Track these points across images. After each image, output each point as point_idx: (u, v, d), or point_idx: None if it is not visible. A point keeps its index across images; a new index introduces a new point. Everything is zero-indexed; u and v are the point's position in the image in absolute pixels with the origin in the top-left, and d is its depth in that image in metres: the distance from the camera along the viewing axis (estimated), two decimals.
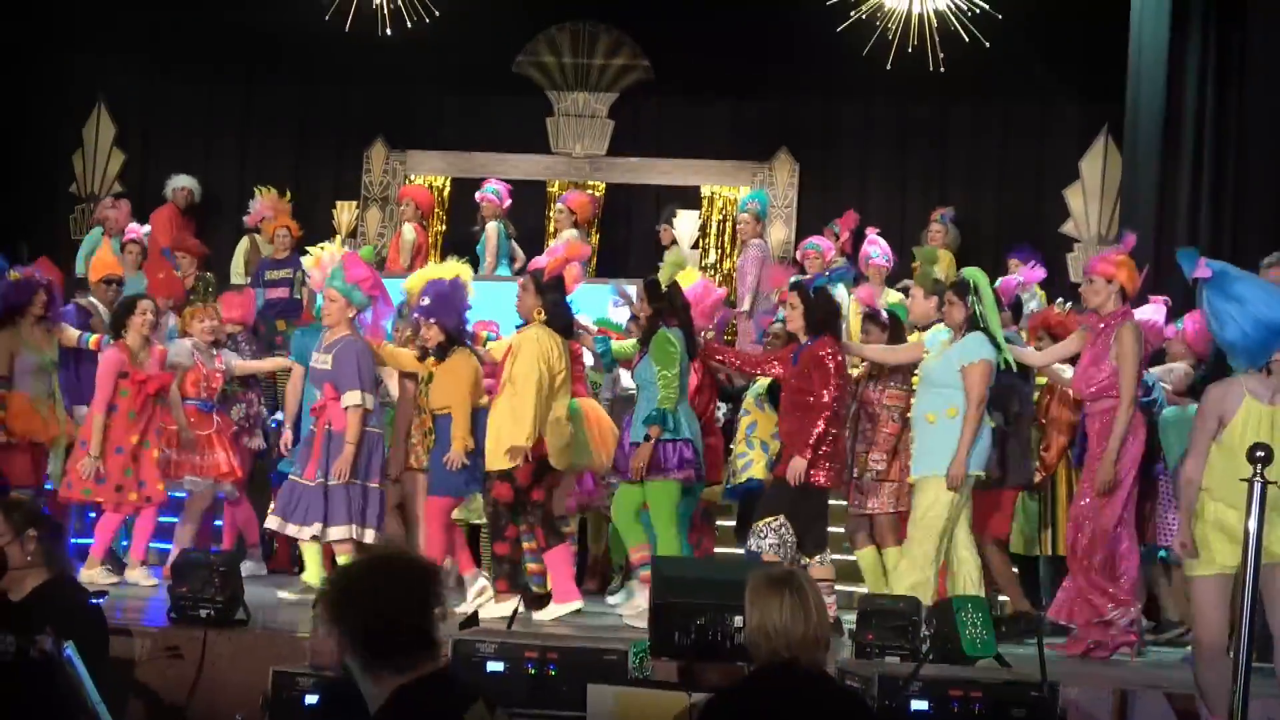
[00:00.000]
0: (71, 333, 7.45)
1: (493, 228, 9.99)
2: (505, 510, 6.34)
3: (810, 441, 6.02)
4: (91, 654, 4.06)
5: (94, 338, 7.40)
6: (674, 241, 10.47)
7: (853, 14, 9.04)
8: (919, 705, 4.29)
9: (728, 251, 11.30)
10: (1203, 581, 4.72)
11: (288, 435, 7.20)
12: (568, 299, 6.54)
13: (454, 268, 6.95)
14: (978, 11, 8.99)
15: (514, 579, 6.42)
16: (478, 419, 6.47)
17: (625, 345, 6.92)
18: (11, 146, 11.04)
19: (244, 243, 10.63)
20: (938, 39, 9.06)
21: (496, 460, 6.25)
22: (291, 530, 6.60)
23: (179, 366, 7.31)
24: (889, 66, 9.14)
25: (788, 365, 6.29)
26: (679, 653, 4.92)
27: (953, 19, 9.06)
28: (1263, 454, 4.20)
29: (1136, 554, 6.14)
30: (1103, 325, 6.07)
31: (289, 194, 10.59)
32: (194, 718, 5.22)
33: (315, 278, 6.86)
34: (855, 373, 6.62)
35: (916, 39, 9.07)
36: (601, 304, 7.62)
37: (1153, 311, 7.16)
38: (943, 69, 9.11)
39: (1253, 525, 4.20)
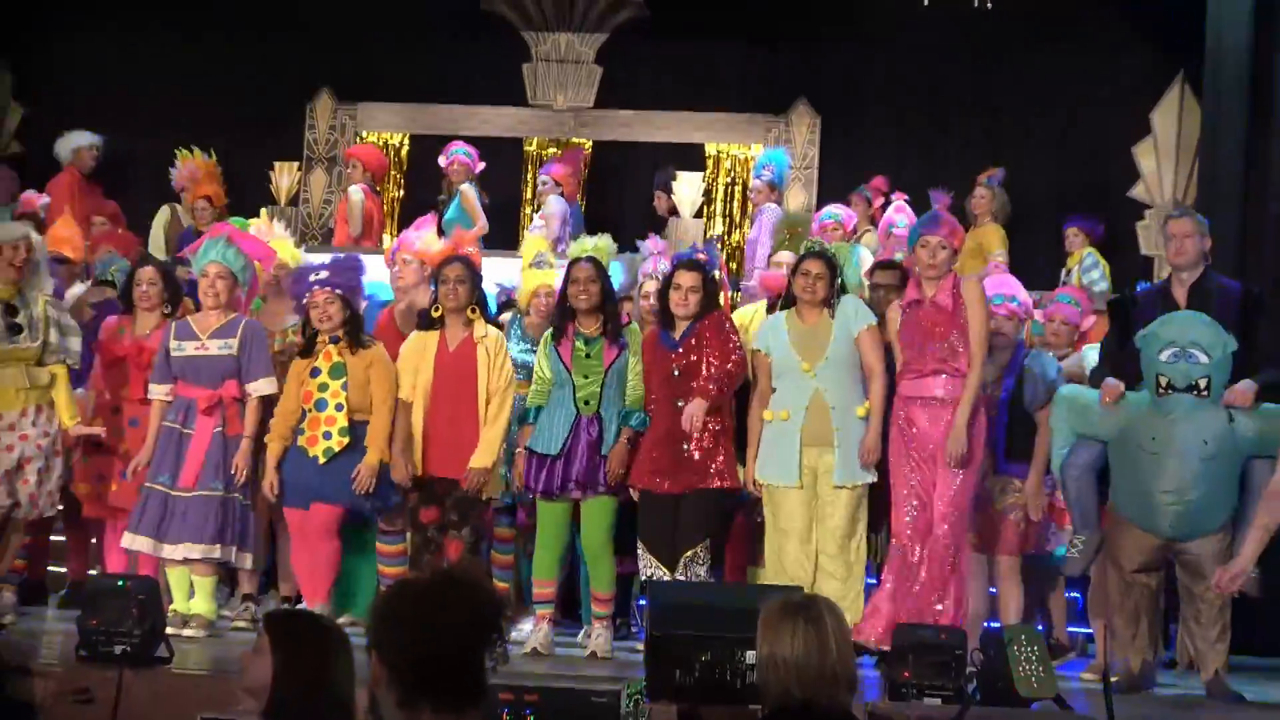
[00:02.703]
0: None
1: (469, 189, 10.04)
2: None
3: (710, 389, 6.36)
4: None
5: None
6: (673, 210, 10.49)
7: None
8: None
9: (737, 221, 11.30)
10: None
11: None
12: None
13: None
14: None
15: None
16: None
17: None
18: None
19: (163, 213, 10.59)
20: None
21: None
22: (180, 552, 6.59)
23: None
24: (926, 2, 9.13)
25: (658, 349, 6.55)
26: (680, 694, 4.91)
27: None
28: None
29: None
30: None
31: (214, 156, 10.56)
32: None
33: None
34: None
35: None
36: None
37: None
38: (990, 4, 9.11)
39: None
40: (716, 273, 6.95)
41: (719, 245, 10.62)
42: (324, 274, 6.67)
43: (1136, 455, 6.09)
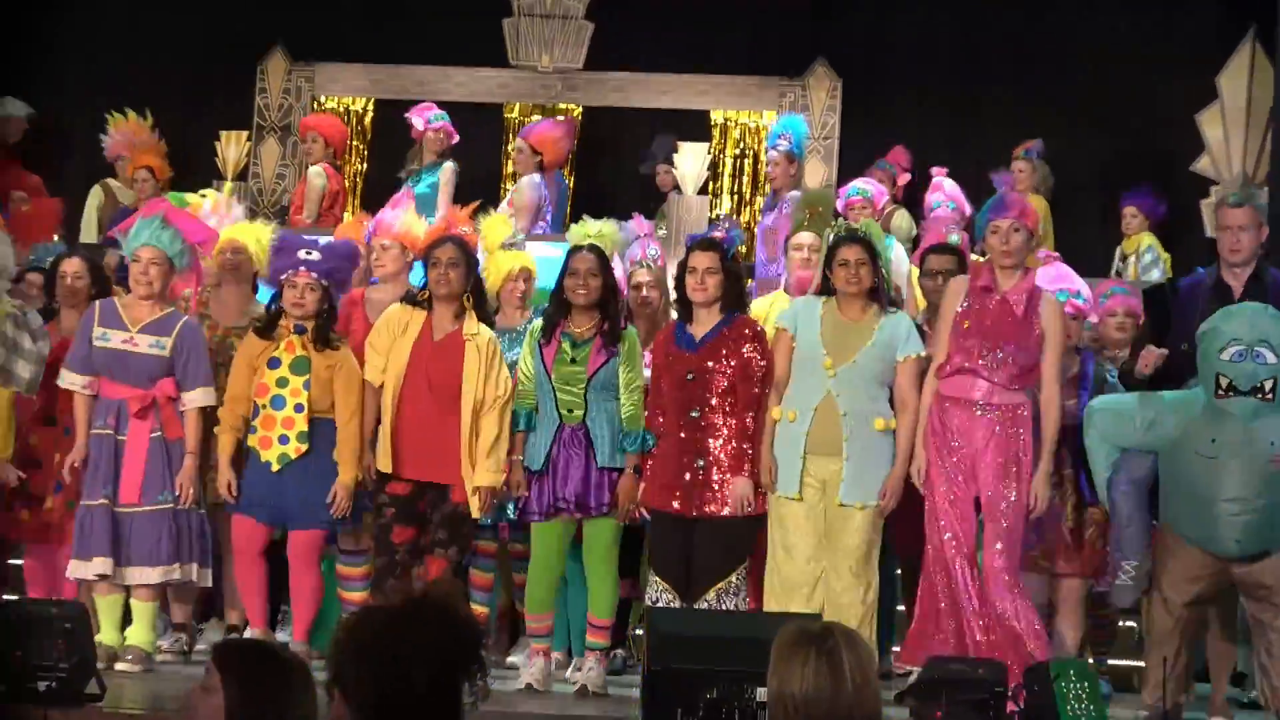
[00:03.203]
0: None
1: (450, 168, 10.04)
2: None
3: (746, 454, 6.36)
4: None
5: None
6: (675, 186, 10.48)
7: None
8: None
9: (747, 199, 11.26)
10: None
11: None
12: None
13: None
14: None
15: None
16: None
17: None
18: None
19: (95, 193, 10.64)
20: None
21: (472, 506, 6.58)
22: (135, 576, 6.62)
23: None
24: None
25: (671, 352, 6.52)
26: None
27: None
28: None
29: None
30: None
31: (149, 118, 10.53)
32: None
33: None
34: None
35: None
36: None
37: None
38: None
39: None
40: (741, 248, 6.94)
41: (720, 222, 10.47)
42: (316, 256, 6.65)
43: (1193, 462, 6.04)
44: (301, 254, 6.65)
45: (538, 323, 6.64)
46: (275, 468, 6.55)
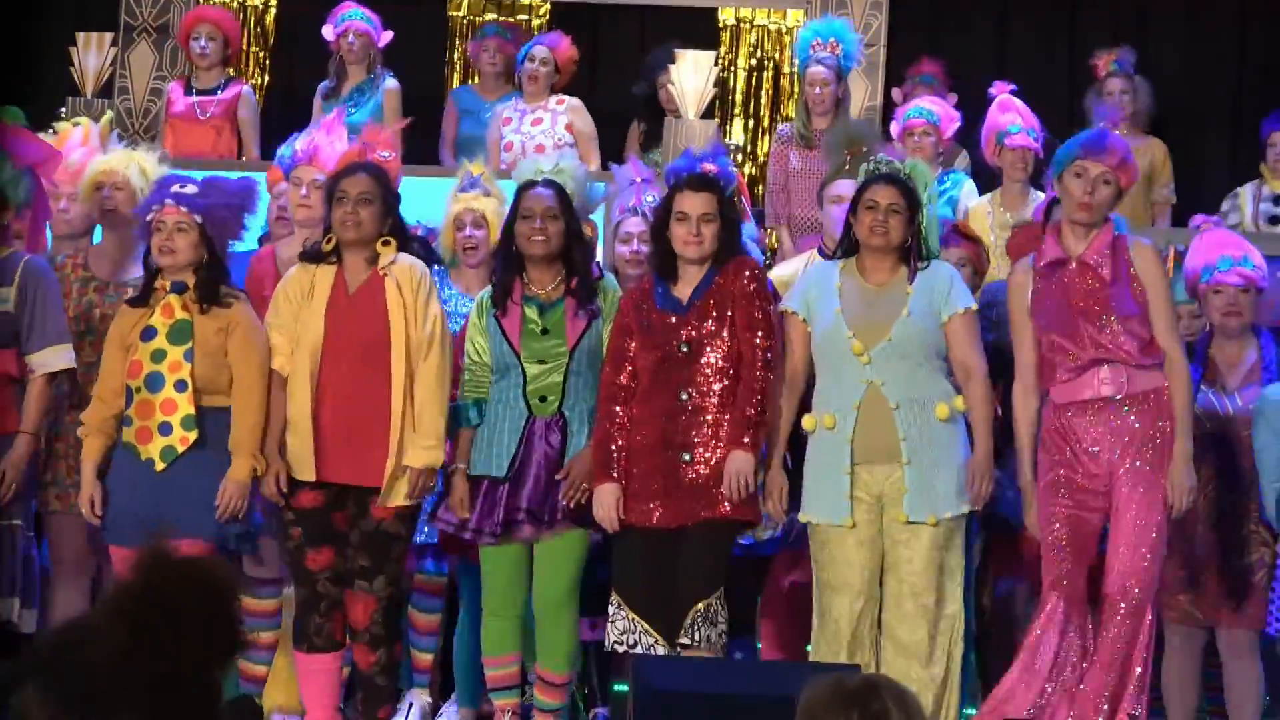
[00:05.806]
0: None
1: (395, 90, 10.16)
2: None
3: (748, 423, 6.41)
4: None
5: None
6: (674, 107, 10.32)
7: None
8: None
9: (765, 125, 11.36)
10: None
11: None
12: None
13: None
14: None
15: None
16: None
17: None
18: None
19: None
20: None
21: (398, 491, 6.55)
22: None
23: None
24: None
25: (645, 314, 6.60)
26: None
27: None
28: None
29: None
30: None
31: None
32: None
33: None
34: None
35: None
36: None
37: None
38: None
39: None
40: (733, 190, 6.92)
41: (733, 154, 10.58)
42: (190, 188, 6.64)
43: None
44: (174, 187, 6.64)
45: (484, 292, 6.77)
46: (159, 466, 6.51)
